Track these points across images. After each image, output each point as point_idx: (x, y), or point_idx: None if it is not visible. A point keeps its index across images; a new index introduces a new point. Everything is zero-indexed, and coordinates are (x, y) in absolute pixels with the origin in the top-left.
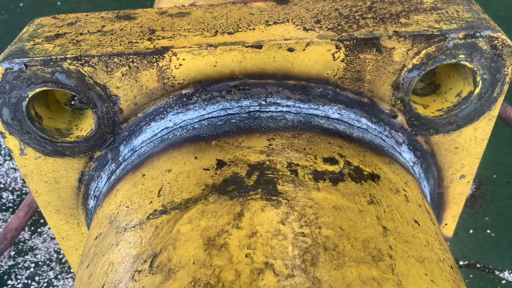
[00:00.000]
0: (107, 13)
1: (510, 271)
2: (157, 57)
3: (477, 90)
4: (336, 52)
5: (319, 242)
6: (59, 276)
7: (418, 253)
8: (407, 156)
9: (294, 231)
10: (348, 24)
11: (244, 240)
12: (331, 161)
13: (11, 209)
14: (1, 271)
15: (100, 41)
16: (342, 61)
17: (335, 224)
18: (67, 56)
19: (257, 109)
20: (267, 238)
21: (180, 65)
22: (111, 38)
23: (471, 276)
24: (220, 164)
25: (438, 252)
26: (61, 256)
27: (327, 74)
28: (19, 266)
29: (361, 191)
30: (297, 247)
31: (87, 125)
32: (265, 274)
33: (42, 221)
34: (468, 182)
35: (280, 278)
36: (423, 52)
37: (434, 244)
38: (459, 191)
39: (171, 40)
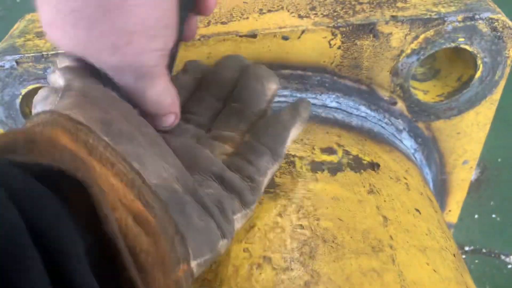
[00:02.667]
0: None
1: None
2: None
3: (478, 73)
4: (332, 39)
5: (317, 234)
6: None
7: (420, 242)
8: (407, 143)
9: (292, 224)
10: (344, 10)
11: (242, 234)
12: (329, 151)
13: None
14: None
15: None
16: (339, 48)
17: (334, 215)
18: (59, 51)
19: None
20: (265, 231)
21: None
22: None
23: (476, 261)
24: None
25: (440, 240)
26: None
27: (324, 62)
28: None
29: (361, 180)
30: (295, 240)
31: None
32: (263, 268)
33: None
34: (471, 167)
35: (278, 271)
36: (422, 36)
37: (436, 233)
38: (462, 177)
39: None
